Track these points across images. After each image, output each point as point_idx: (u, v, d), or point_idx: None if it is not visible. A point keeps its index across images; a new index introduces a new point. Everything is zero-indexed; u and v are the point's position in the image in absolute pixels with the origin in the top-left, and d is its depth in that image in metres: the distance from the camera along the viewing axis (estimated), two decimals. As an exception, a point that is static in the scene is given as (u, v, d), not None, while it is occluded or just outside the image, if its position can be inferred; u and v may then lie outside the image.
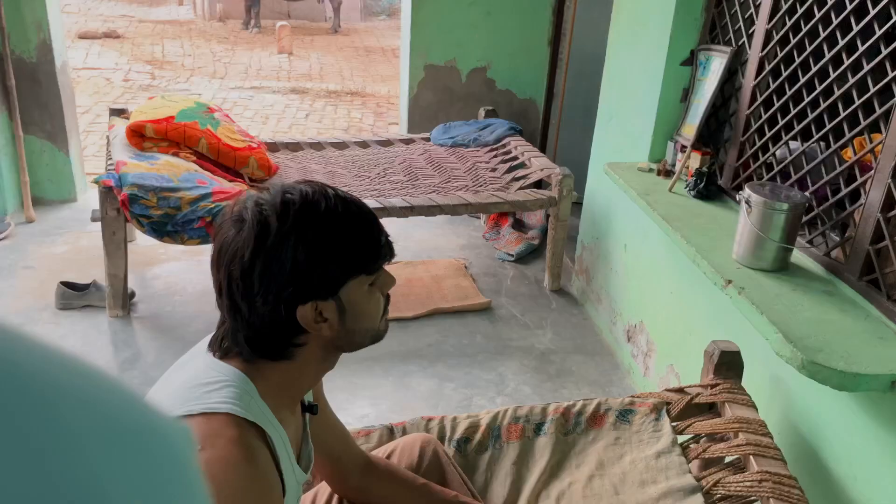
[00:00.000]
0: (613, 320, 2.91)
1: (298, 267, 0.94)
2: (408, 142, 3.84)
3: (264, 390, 0.98)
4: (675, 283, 2.39)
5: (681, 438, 1.67)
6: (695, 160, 2.35)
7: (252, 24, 10.59)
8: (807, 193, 1.86)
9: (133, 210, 2.60)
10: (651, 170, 2.54)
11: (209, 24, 11.13)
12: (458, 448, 1.64)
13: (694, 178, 2.31)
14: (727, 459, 1.62)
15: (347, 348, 1.04)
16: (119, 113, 3.46)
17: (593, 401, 1.75)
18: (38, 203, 3.79)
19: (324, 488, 1.42)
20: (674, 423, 1.69)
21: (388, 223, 3.71)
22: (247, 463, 0.90)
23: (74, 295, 2.92)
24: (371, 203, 2.93)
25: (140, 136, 2.96)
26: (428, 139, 3.86)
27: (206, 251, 3.39)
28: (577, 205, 3.34)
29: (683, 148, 2.41)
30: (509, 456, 1.66)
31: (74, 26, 9.51)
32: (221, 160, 3.05)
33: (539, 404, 1.75)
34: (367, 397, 2.53)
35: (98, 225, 2.75)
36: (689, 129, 2.40)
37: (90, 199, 3.91)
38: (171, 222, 2.62)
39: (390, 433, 1.63)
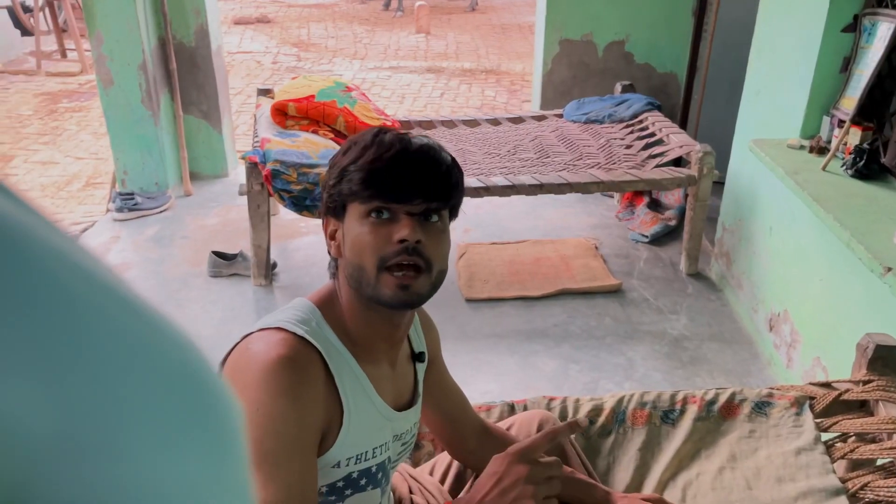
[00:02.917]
0: (755, 307, 2.74)
1: (324, 178, 1.03)
2: (540, 119, 3.79)
3: (331, 319, 1.03)
4: (826, 269, 2.21)
5: (825, 436, 1.55)
6: (854, 136, 2.15)
7: (396, 7, 10.78)
8: None
9: (275, 185, 2.74)
10: (802, 146, 2.35)
11: (352, 6, 11.49)
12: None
13: (852, 156, 2.11)
14: (878, 462, 1.48)
15: (355, 286, 1.00)
16: (265, 93, 3.65)
17: (727, 390, 1.65)
18: (195, 178, 4.09)
19: (442, 459, 1.44)
20: (817, 420, 1.57)
21: (517, 201, 3.68)
22: (283, 358, 0.93)
23: (223, 264, 3.14)
24: (500, 181, 2.92)
25: (283, 115, 3.11)
26: (561, 116, 3.78)
27: (342, 225, 3.54)
28: (719, 184, 3.16)
29: (841, 122, 2.21)
30: (634, 442, 1.61)
31: (231, 13, 10.13)
32: (357, 137, 3.15)
33: (668, 391, 1.68)
34: (491, 374, 2.54)
35: (245, 199, 2.93)
36: (849, 102, 2.20)
37: (240, 174, 4.17)
38: (309, 197, 2.74)
39: (511, 410, 1.63)
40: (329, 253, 1.07)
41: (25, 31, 7.04)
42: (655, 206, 3.72)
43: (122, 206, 3.65)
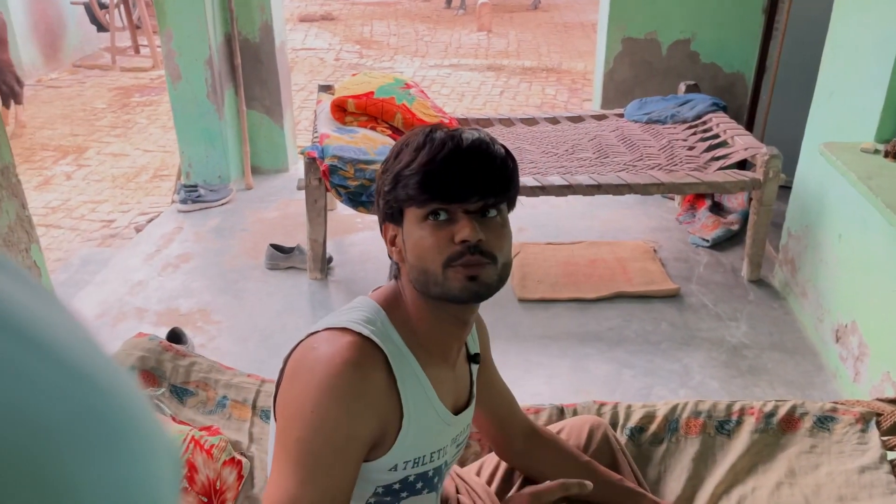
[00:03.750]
0: (820, 317, 2.63)
1: (379, 184, 1.02)
2: (600, 118, 3.72)
3: (396, 320, 1.03)
4: (899, 280, 2.10)
5: (891, 455, 1.47)
6: (934, 140, 2.04)
7: (458, 5, 10.78)
8: None
9: (332, 180, 2.77)
10: (877, 151, 2.24)
11: (414, 4, 11.55)
12: (631, 437, 1.58)
13: (931, 161, 2.00)
14: (950, 486, 1.40)
15: (421, 288, 0.99)
16: (326, 89, 3.70)
17: (787, 402, 1.59)
18: (256, 172, 4.18)
19: (489, 460, 1.43)
20: (884, 438, 1.49)
21: (574, 201, 3.62)
22: (348, 363, 0.93)
23: (281, 257, 3.19)
24: (557, 180, 2.89)
25: (342, 111, 3.15)
26: (621, 115, 3.71)
27: (397, 222, 3.55)
28: (785, 188, 3.04)
29: (920, 126, 2.10)
30: (687, 451, 1.56)
31: (297, 10, 10.31)
32: (415, 134, 3.15)
33: (724, 400, 1.63)
34: (542, 375, 2.52)
35: (303, 193, 2.97)
36: (930, 105, 2.08)
37: (300, 169, 4.24)
38: (365, 193, 2.76)
39: (560, 413, 1.60)
40: (390, 257, 1.06)
41: (101, 28, 7.32)
42: (717, 209, 3.62)
43: (186, 198, 3.76)
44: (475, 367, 1.19)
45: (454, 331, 1.05)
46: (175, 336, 2.53)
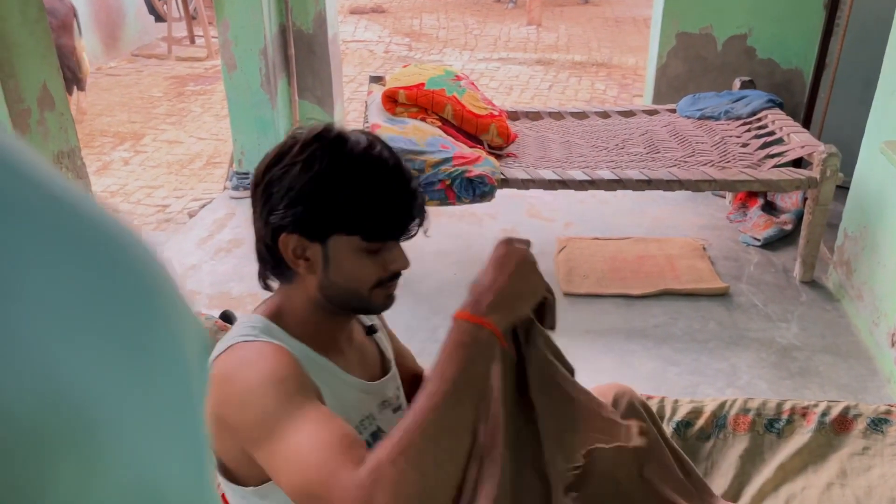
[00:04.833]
0: (876, 321, 2.56)
1: (292, 195, 0.96)
2: (651, 113, 3.68)
3: (288, 327, 1.03)
4: (962, 284, 2.04)
5: (949, 461, 1.44)
6: None
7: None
8: None
9: (382, 169, 2.80)
10: (942, 150, 2.17)
11: (464, -3, 11.53)
12: (678, 431, 1.57)
13: None
14: None
15: (334, 300, 1.03)
16: (377, 80, 3.73)
17: (840, 403, 1.57)
18: (306, 161, 4.24)
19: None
20: (941, 443, 1.46)
21: (623, 196, 3.59)
22: (266, 347, 0.96)
23: (329, 244, 3.24)
24: (606, 175, 2.87)
25: (393, 102, 3.18)
26: (674, 111, 3.66)
27: (443, 213, 3.57)
28: (842, 188, 2.97)
29: None
30: (735, 448, 1.55)
31: (347, 2, 10.40)
32: (464, 126, 3.17)
33: (774, 399, 1.61)
34: (586, 370, 2.48)
35: (352, 182, 3.00)
36: None
37: (348, 159, 4.29)
38: (414, 183, 2.78)
39: (606, 405, 1.60)
40: (279, 265, 1.03)
41: (159, 18, 7.51)
42: (770, 208, 3.54)
43: (238, 185, 3.84)
44: (379, 338, 1.23)
45: (346, 323, 1.12)
46: (226, 318, 2.59)
